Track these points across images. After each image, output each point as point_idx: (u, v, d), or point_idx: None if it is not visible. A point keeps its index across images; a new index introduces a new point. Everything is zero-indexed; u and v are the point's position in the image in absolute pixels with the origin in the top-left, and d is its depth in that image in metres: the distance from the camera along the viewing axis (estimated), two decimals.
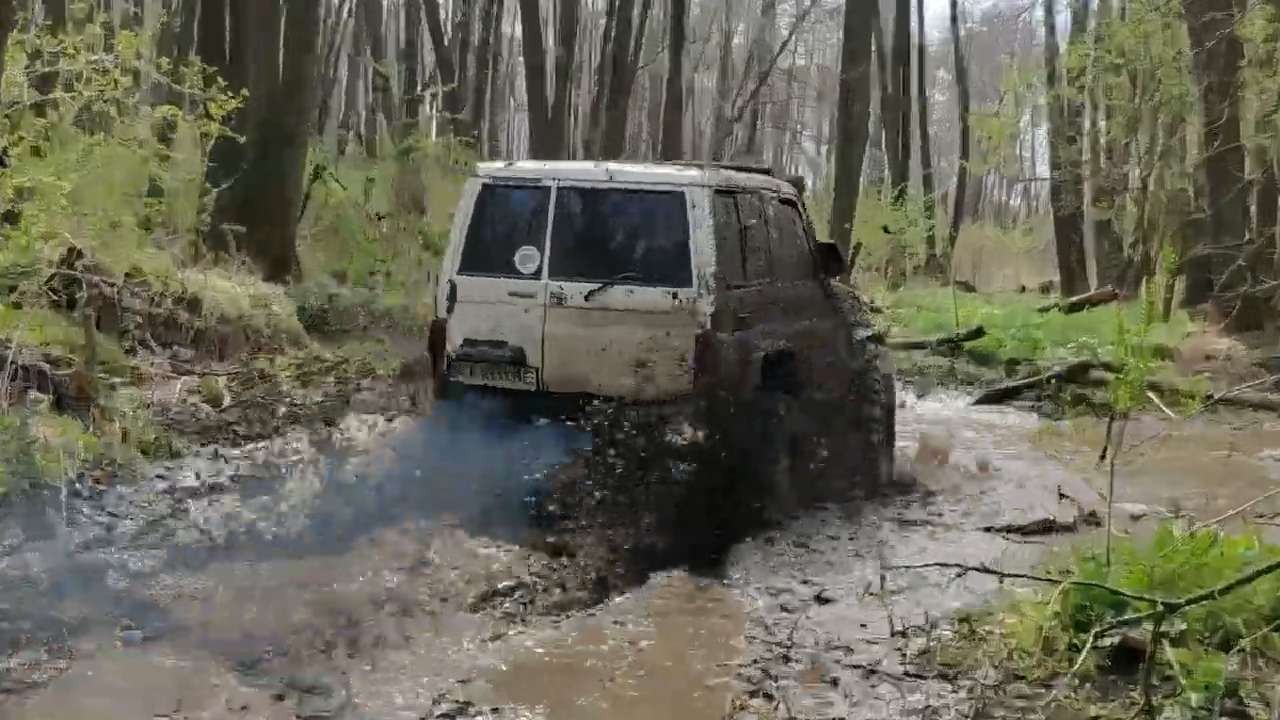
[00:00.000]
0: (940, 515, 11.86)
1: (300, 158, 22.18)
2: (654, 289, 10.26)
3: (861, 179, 41.40)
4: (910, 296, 32.98)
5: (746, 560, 9.73)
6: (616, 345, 10.25)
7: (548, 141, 33.85)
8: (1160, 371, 19.81)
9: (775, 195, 11.88)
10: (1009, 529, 11.12)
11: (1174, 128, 30.51)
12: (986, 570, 7.54)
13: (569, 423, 9.99)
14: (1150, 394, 17.21)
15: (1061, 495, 12.36)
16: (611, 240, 10.68)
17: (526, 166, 11.31)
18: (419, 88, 40.09)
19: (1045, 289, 39.62)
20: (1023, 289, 41.62)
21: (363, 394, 17.60)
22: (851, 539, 10.70)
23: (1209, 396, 9.91)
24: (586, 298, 10.38)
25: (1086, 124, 38.11)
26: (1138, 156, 31.85)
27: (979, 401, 19.93)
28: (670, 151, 40.16)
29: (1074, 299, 29.52)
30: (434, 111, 43.62)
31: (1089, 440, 15.06)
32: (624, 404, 9.97)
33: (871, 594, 8.44)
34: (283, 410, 15.64)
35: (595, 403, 9.99)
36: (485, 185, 10.87)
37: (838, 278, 12.96)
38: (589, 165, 11.49)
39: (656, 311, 10.20)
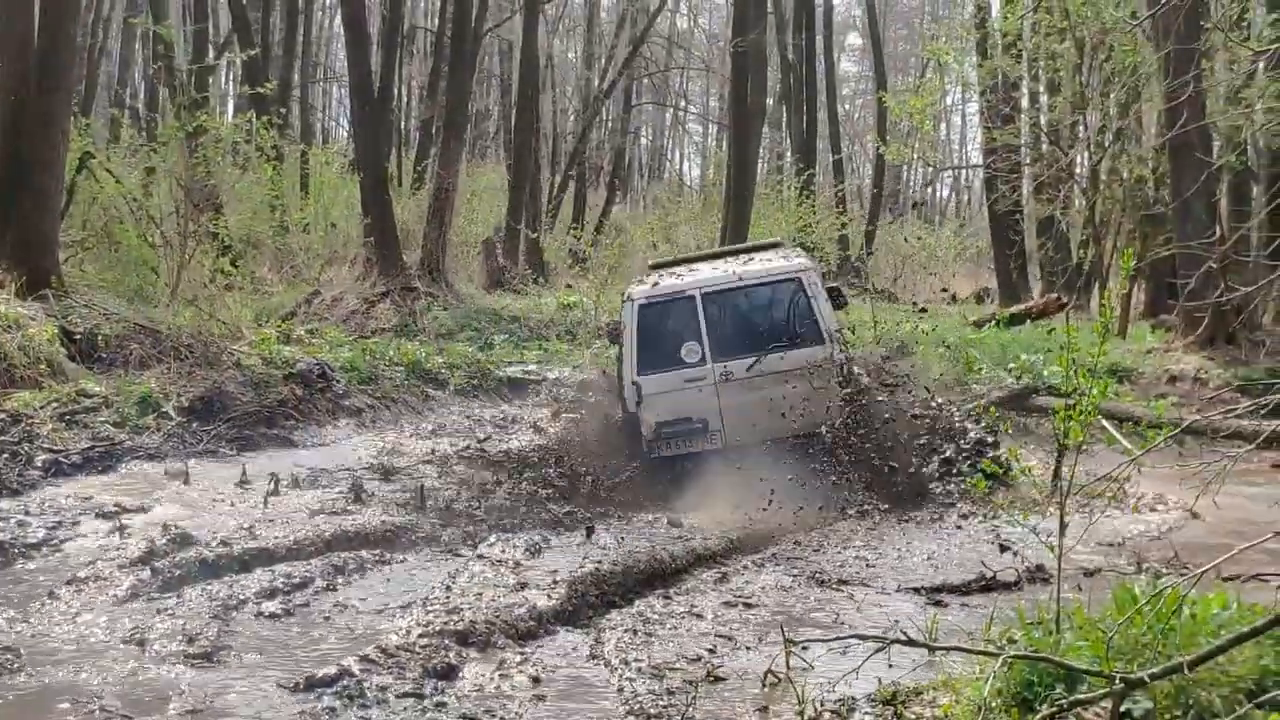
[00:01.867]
0: (858, 572, 11.95)
1: (60, 144, 21.73)
2: (798, 351, 16.33)
3: (760, 167, 41.74)
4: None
5: (621, 632, 9.77)
6: (777, 399, 16.12)
7: (373, 122, 33.59)
8: (1117, 396, 20.23)
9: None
10: (940, 589, 11.21)
11: (1129, 105, 31.02)
12: (913, 643, 7.56)
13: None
14: (1106, 424, 17.66)
15: (1002, 547, 12.50)
16: (752, 323, 16.84)
17: (669, 284, 17.02)
18: (211, 55, 39.58)
19: (980, 298, 40.26)
20: (954, 298, 42.23)
21: (145, 438, 17.31)
22: (747, 602, 10.78)
23: (1175, 425, 10.06)
24: (748, 369, 16.42)
25: (1025, 101, 38.70)
26: (1086, 140, 32.27)
27: None
28: (524, 137, 40.16)
29: (1014, 310, 29.98)
30: (231, 85, 43.12)
31: (1034, 481, 15.28)
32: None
33: (774, 674, 8.45)
34: (41, 459, 15.30)
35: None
36: (641, 305, 16.78)
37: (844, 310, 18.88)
38: (718, 272, 17.18)
39: (804, 367, 16.20)
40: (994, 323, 28.30)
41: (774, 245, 19.87)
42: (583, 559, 11.85)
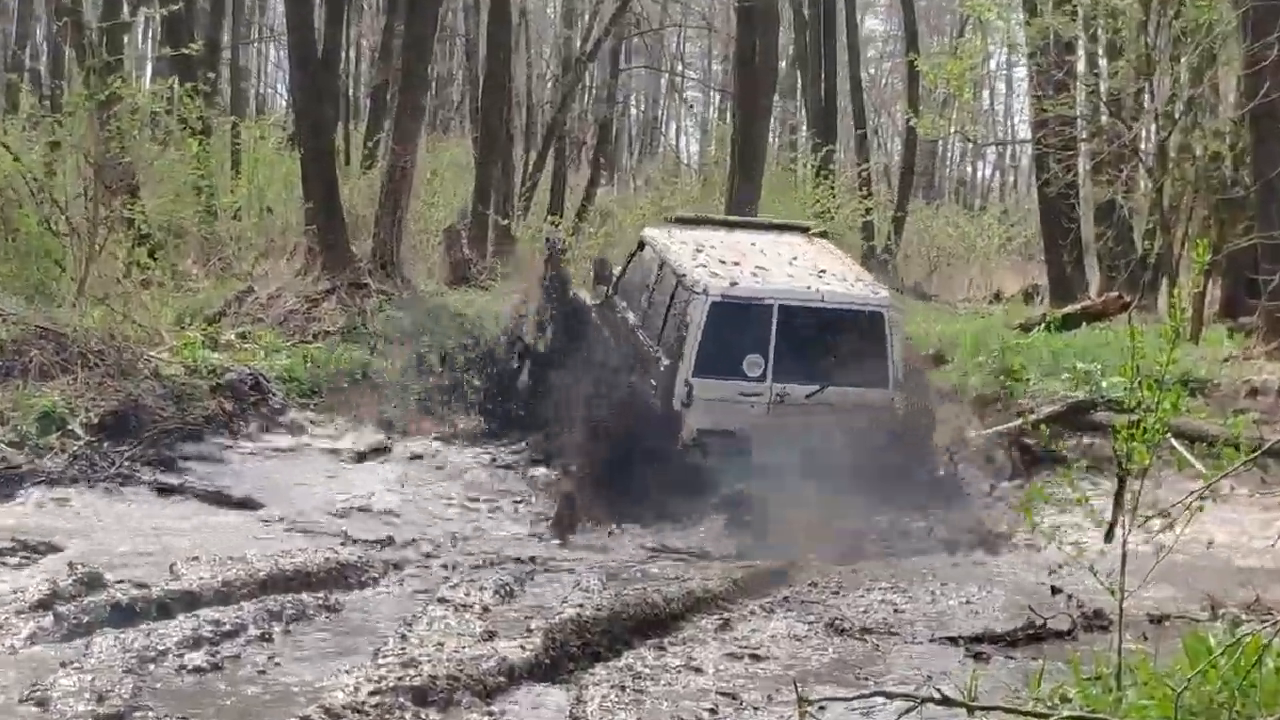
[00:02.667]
0: (885, 619, 11.95)
1: None
2: (859, 390, 17.56)
3: (770, 142, 41.78)
4: None
5: (607, 689, 9.74)
6: (827, 434, 16.86)
7: (316, 89, 33.53)
8: (1189, 412, 20.22)
9: None
10: (981, 638, 11.22)
11: (1202, 70, 31.00)
12: (950, 701, 7.55)
13: None
14: (1175, 444, 17.65)
15: (1053, 589, 12.51)
16: (823, 348, 17.80)
17: (749, 287, 18.08)
18: (126, 10, 39.53)
19: (1029, 296, 40.17)
20: (997, 296, 42.18)
21: (47, 460, 17.26)
22: (754, 654, 10.78)
23: (1257, 446, 10.04)
24: (808, 396, 17.59)
25: (1081, 65, 38.65)
26: (1153, 111, 32.21)
27: None
28: (493, 106, 40.17)
29: (1068, 310, 29.85)
30: (150, 46, 43.10)
31: (1092, 510, 15.26)
32: None
33: None
34: None
35: None
36: (715, 303, 17.65)
37: None
38: (802, 286, 18.34)
39: (863, 406, 17.38)
40: (1044, 325, 28.19)
41: (799, 228, 22.09)
42: (562, 602, 11.86)
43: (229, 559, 13.15)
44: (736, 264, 18.86)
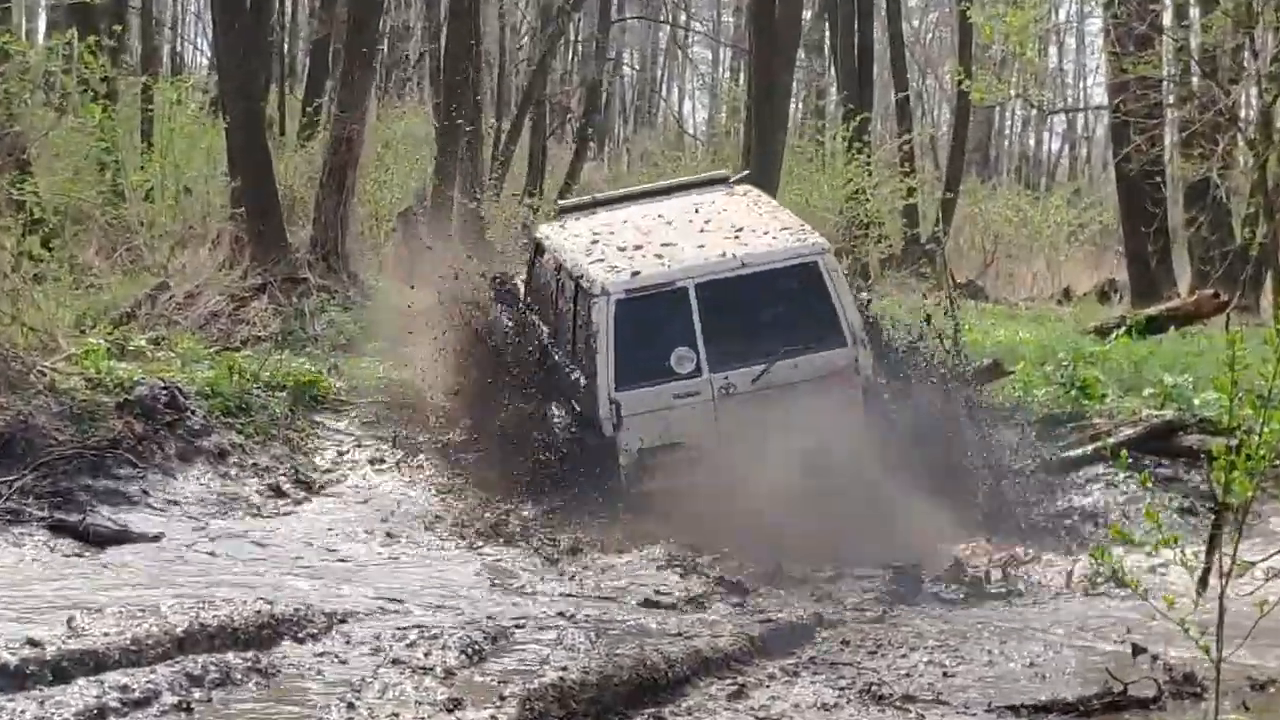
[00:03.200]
0: (932, 684, 11.95)
1: None
2: (814, 356, 18.07)
3: (793, 108, 41.81)
4: (879, 308, 33.22)
5: None
6: (789, 416, 17.13)
7: (245, 44, 33.55)
8: None
9: None
10: (1049, 707, 11.22)
11: None
12: None
13: None
14: None
15: (1135, 648, 12.51)
16: (758, 320, 18.30)
17: (655, 274, 18.32)
18: None
19: (1105, 295, 40.28)
20: (1067, 295, 42.26)
21: None
22: None
23: None
24: (754, 381, 17.95)
25: (1168, 17, 38.67)
26: (1254, 72, 32.22)
27: None
28: (458, 65, 40.16)
29: (1152, 311, 29.96)
30: None
31: (1182, 553, 15.27)
32: None
33: None
34: None
35: None
36: (620, 301, 17.94)
37: None
38: (715, 256, 18.58)
39: (823, 375, 17.87)
40: (1124, 329, 28.28)
41: (716, 181, 22.30)
42: (541, 664, 11.85)
43: (139, 611, 13.12)
44: (639, 247, 19.12)
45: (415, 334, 21.99)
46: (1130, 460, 18.99)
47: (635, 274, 18.34)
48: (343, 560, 16.82)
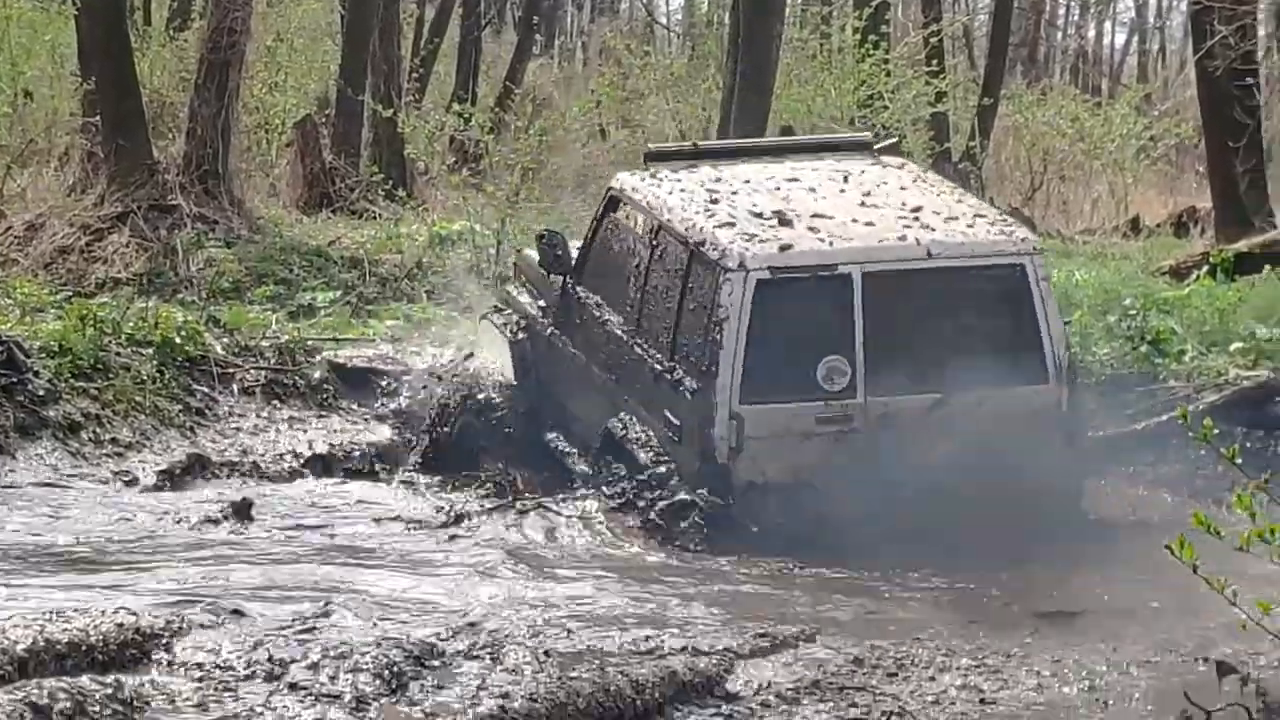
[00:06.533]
0: (965, 713, 12.01)
1: None
2: (1006, 391, 17.03)
3: None
4: None
5: None
6: (965, 467, 16.20)
7: None
8: None
9: None
10: None
11: None
12: None
13: None
14: None
15: (1221, 667, 12.58)
16: (936, 333, 17.36)
17: (812, 249, 17.26)
18: None
19: (1184, 226, 40.45)
20: (1135, 226, 42.43)
21: None
22: None
23: None
24: (925, 414, 16.96)
25: None
26: None
27: None
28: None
29: (1242, 247, 30.08)
30: None
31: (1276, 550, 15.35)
32: None
33: None
34: None
35: None
36: (762, 281, 16.80)
37: None
38: (894, 238, 17.50)
39: (1014, 415, 16.89)
40: (1206, 269, 28.40)
41: (860, 145, 21.29)
42: (476, 691, 11.87)
43: None
44: (781, 214, 17.82)
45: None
46: (1215, 432, 19.15)
47: (785, 247, 17.12)
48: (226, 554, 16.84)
